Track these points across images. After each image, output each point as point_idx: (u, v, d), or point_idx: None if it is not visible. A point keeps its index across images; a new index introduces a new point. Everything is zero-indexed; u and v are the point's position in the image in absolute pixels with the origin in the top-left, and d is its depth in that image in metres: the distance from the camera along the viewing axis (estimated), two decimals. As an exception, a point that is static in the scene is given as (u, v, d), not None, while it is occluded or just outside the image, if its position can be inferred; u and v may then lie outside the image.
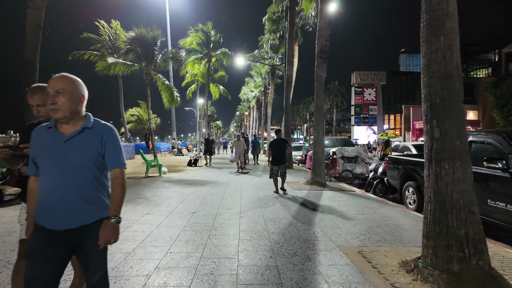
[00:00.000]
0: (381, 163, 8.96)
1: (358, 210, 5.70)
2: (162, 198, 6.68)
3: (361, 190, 8.32)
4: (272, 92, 26.69)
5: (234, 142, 12.30)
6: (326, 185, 8.54)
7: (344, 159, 10.89)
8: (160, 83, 18.30)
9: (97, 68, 18.68)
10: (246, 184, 8.84)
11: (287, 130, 14.15)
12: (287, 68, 14.05)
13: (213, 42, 23.83)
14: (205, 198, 6.68)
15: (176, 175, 10.91)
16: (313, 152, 8.87)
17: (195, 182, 9.23)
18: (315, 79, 8.72)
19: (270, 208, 5.78)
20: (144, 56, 17.35)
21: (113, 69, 18.51)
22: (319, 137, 8.70)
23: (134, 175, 11.17)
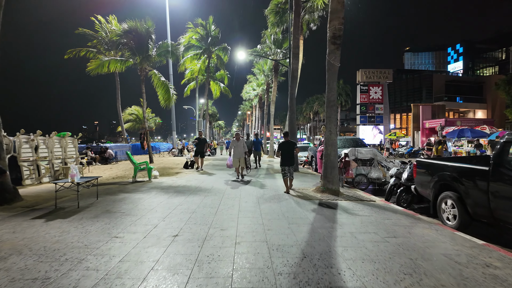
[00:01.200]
0: (405, 167, 7.69)
1: (388, 231, 4.44)
2: (143, 211, 5.46)
3: (381, 199, 7.06)
4: (275, 89, 25.41)
5: (232, 142, 10.01)
6: (340, 193, 7.29)
7: (357, 162, 9.62)
8: (155, 79, 17.13)
9: (89, 68, 17.48)
10: (246, 194, 7.59)
11: (292, 129, 12.90)
12: (292, 61, 12.79)
13: (213, 37, 22.65)
14: (195, 212, 5.44)
15: (168, 180, 9.69)
16: (324, 154, 7.61)
17: (187, 189, 8.00)
18: (327, 69, 7.46)
19: (275, 227, 4.53)
20: (138, 50, 16.17)
21: (107, 67, 17.38)
22: (332, 137, 7.44)
23: (121, 179, 9.97)
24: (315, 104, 61.09)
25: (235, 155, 9.88)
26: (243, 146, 9.92)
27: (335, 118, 7.47)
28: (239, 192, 7.47)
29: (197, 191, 7.63)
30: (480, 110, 44.73)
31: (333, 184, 7.33)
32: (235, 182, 9.36)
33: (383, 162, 9.57)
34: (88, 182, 6.43)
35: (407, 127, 51.36)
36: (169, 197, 6.87)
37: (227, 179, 10.03)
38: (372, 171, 9.46)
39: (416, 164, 6.32)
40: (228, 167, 11.17)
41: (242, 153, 9.85)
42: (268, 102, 31.14)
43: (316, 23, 16.97)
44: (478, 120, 27.92)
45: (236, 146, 9.95)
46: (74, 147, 11.02)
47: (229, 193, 7.29)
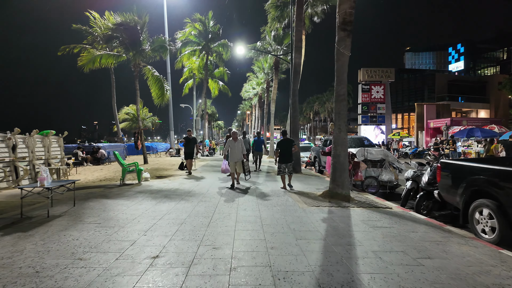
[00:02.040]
0: (423, 169, 6.87)
1: (419, 249, 3.61)
2: (123, 221, 4.63)
3: (397, 206, 6.24)
4: (275, 88, 24.58)
5: (228, 143, 8.21)
6: (351, 199, 6.46)
7: (367, 163, 8.80)
8: (149, 75, 16.30)
9: (80, 63, 16.61)
10: (245, 201, 6.76)
11: (295, 127, 12.08)
12: (295, 55, 11.96)
13: (212, 33, 21.79)
14: (184, 223, 4.61)
15: (159, 183, 8.85)
16: (332, 155, 6.78)
17: (178, 194, 7.16)
18: (336, 59, 6.64)
19: (280, 244, 3.70)
20: (131, 45, 15.33)
21: (98, 62, 16.56)
22: (341, 135, 6.61)
23: (108, 182, 9.13)
24: (316, 104, 60.35)
25: (232, 158, 8.14)
26: (241, 148, 8.19)
27: (344, 114, 6.65)
28: (237, 198, 6.64)
29: (189, 196, 6.79)
30: (483, 110, 43.95)
31: (343, 188, 6.50)
32: (230, 195, 7.04)
33: (395, 164, 8.74)
34: (63, 186, 5.60)
35: (409, 127, 50.60)
36: (157, 203, 6.04)
37: (225, 182, 9.20)
38: (383, 173, 8.63)
39: (440, 166, 5.49)
40: (223, 172, 9.71)
41: (239, 156, 8.17)
42: (268, 101, 30.31)
43: (320, 16, 16.17)
44: (485, 120, 27.14)
45: (233, 147, 8.12)
46: (59, 146, 10.18)
47: (226, 199, 6.45)
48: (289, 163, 7.98)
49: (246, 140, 11.81)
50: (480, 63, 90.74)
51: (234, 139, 8.29)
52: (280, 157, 8.00)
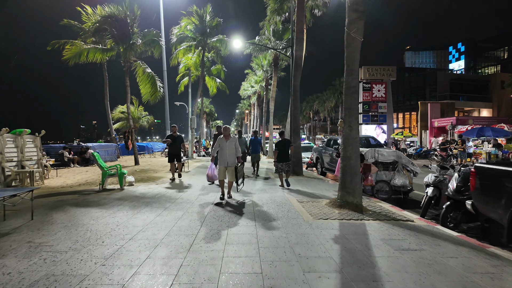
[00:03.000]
0: (445, 173, 5.93)
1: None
2: (83, 242, 3.66)
3: (418, 217, 5.29)
4: (274, 85, 23.62)
5: (218, 141, 6.44)
6: (364, 209, 5.50)
7: (378, 166, 7.85)
8: (140, 71, 15.31)
9: (65, 56, 15.55)
10: (238, 213, 5.81)
11: (296, 125, 11.13)
12: (296, 47, 11.00)
13: (209, 28, 20.75)
14: (160, 245, 3.63)
15: (144, 188, 7.88)
16: (342, 156, 5.82)
17: (162, 202, 6.18)
18: (346, 45, 5.68)
19: (282, 280, 2.74)
20: (121, 38, 14.35)
21: (85, 56, 15.53)
22: (352, 134, 5.65)
23: (88, 186, 8.15)
24: (315, 103, 59.38)
25: (222, 161, 6.32)
26: (234, 149, 6.36)
27: (356, 110, 5.69)
28: (230, 210, 5.67)
29: (174, 205, 5.82)
30: (485, 109, 43.12)
31: (355, 196, 5.54)
32: (221, 203, 6.07)
33: (409, 166, 7.79)
34: (17, 196, 4.62)
35: (410, 126, 49.71)
36: (134, 214, 5.06)
37: (219, 188, 8.24)
38: (395, 177, 7.68)
39: (475, 171, 4.54)
40: (209, 180, 7.31)
41: (232, 159, 6.33)
42: (267, 100, 29.35)
43: (321, 9, 15.22)
44: (491, 119, 26.24)
45: (223, 147, 6.34)
46: (35, 147, 9.19)
47: (217, 211, 5.46)
48: (286, 162, 8.37)
49: (241, 140, 10.02)
50: (481, 62, 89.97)
51: (226, 137, 6.39)
52: (278, 157, 8.36)
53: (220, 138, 6.44)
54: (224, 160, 6.33)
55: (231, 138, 6.46)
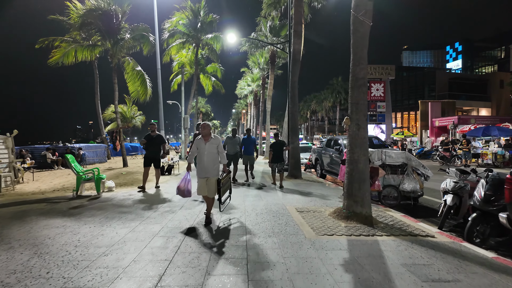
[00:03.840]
0: (466, 178, 5.15)
1: None
2: (20, 275, 2.83)
3: (438, 231, 4.53)
4: (271, 84, 22.86)
5: (196, 143, 4.78)
6: (374, 220, 4.72)
7: (385, 169, 7.07)
8: (129, 68, 14.47)
9: (52, 58, 14.63)
10: (225, 231, 5.00)
11: (294, 124, 10.35)
12: (294, 40, 10.21)
13: (202, 23, 19.90)
14: (120, 276, 2.82)
15: (124, 194, 7.03)
16: (348, 160, 5.02)
17: (139, 213, 5.34)
18: (352, 31, 4.90)
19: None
20: (108, 33, 13.49)
21: (73, 55, 14.65)
22: (360, 133, 4.86)
23: (63, 193, 7.29)
24: (313, 102, 58.65)
25: (200, 171, 4.65)
26: (216, 154, 4.70)
27: (364, 105, 4.90)
28: (217, 224, 4.86)
29: (152, 217, 4.99)
30: (484, 109, 42.66)
31: (363, 206, 4.75)
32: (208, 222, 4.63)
33: (420, 169, 7.02)
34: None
35: (408, 126, 49.16)
36: (102, 229, 4.24)
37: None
38: (405, 181, 6.90)
39: (511, 178, 3.77)
40: (180, 194, 4.85)
41: (213, 168, 4.64)
42: (264, 99, 28.55)
43: (320, 1, 14.44)
44: (494, 118, 25.63)
45: (201, 153, 4.66)
46: (6, 148, 8.32)
47: (199, 230, 4.60)
48: (280, 162, 8.52)
49: (235, 140, 8.89)
50: (478, 61, 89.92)
51: (205, 137, 4.66)
52: (272, 157, 8.52)
53: (198, 140, 4.71)
54: (203, 169, 4.59)
55: (212, 139, 4.66)
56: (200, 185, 4.63)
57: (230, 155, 8.78)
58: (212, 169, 4.62)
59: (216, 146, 4.68)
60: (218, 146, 4.70)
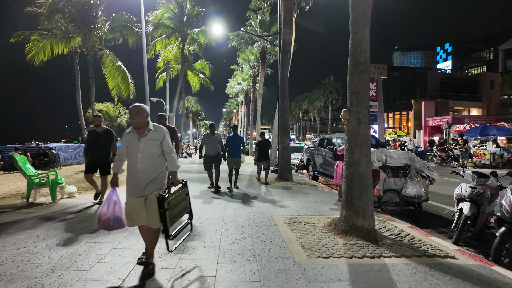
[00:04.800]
0: (485, 182, 4.35)
1: None
2: None
3: (457, 249, 3.71)
4: (262, 81, 21.98)
5: (123, 140, 3.02)
6: (379, 235, 3.87)
7: (386, 171, 6.26)
8: (107, 62, 13.40)
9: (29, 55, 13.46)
10: (196, 251, 4.06)
11: (284, 122, 9.50)
12: (284, 30, 9.35)
13: (189, 17, 18.93)
14: None
15: (87, 200, 6.04)
16: (346, 161, 4.16)
17: (92, 228, 4.38)
18: (352, 4, 4.04)
19: None
20: (83, 22, 12.42)
21: (49, 49, 13.53)
22: (361, 130, 4.02)
23: (15, 199, 6.25)
24: (305, 102, 58.09)
25: (132, 186, 2.87)
26: (159, 155, 2.96)
27: (367, 95, 4.06)
28: (184, 239, 3.94)
29: (107, 233, 4.03)
30: (475, 109, 42.75)
31: (365, 217, 3.89)
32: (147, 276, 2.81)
33: (425, 171, 6.21)
34: None
35: (400, 126, 48.91)
36: (37, 251, 3.27)
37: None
38: (408, 185, 6.09)
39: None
40: (104, 226, 2.89)
41: (154, 179, 2.88)
42: (254, 97, 27.70)
43: (309, 2, 13.61)
44: (488, 117, 25.30)
45: (134, 156, 2.88)
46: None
47: (159, 258, 3.69)
48: (266, 160, 8.77)
49: (215, 138, 7.29)
50: (468, 62, 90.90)
51: (138, 129, 2.93)
52: (258, 155, 8.75)
53: (127, 134, 2.97)
54: (136, 183, 2.83)
55: (152, 132, 2.92)
56: (131, 210, 2.82)
57: (210, 156, 7.33)
58: (152, 182, 2.83)
59: (158, 142, 2.92)
60: (163, 143, 2.95)
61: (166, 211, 2.70)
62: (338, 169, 6.61)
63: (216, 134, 7.43)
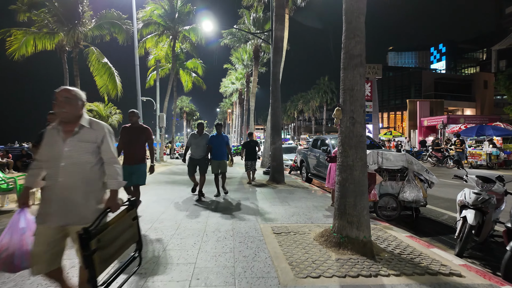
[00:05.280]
0: (493, 189, 3.99)
1: None
2: None
3: (462, 264, 3.33)
4: (255, 80, 21.55)
5: (44, 141, 2.07)
6: (376, 248, 3.47)
7: (382, 174, 5.88)
8: (93, 59, 12.87)
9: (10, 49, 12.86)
10: (170, 269, 3.60)
11: (276, 121, 9.10)
12: (276, 26, 8.94)
13: (180, 14, 18.43)
14: None
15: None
16: (340, 165, 3.75)
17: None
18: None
19: None
20: (66, 17, 11.88)
21: (33, 45, 12.97)
22: (356, 130, 3.59)
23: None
24: (300, 102, 57.86)
25: (47, 209, 1.96)
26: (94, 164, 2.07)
27: (362, 92, 3.66)
28: (155, 255, 3.50)
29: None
30: (468, 109, 42.88)
31: (360, 228, 3.49)
32: None
33: (423, 174, 5.84)
34: None
35: (395, 126, 48.84)
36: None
37: (163, 206, 6.03)
38: (405, 189, 5.71)
39: None
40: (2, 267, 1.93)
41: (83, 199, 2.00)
42: (248, 97, 27.29)
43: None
44: (482, 117, 25.22)
45: (55, 163, 1.97)
46: None
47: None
48: (253, 160, 8.95)
49: (202, 139, 6.47)
50: (461, 63, 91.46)
51: (65, 125, 2.04)
52: (246, 155, 8.98)
53: (49, 131, 2.06)
54: (53, 204, 1.95)
55: (86, 129, 2.06)
56: (39, 249, 1.92)
57: (194, 159, 6.41)
58: (78, 207, 1.98)
59: (94, 146, 2.08)
60: (103, 147, 2.11)
61: (94, 254, 1.78)
62: (331, 172, 6.21)
63: (204, 135, 6.53)
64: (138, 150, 4.64)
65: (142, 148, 4.72)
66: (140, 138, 4.68)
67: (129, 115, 4.67)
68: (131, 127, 4.72)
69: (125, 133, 4.66)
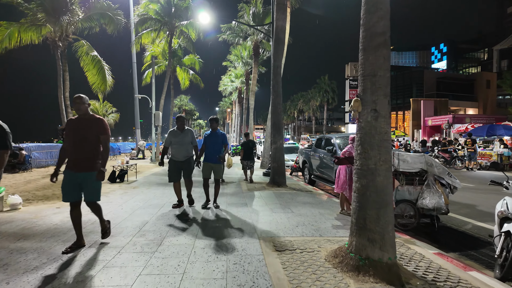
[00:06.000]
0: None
1: None
2: None
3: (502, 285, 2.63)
4: (255, 78, 20.82)
5: None
6: (404, 273, 2.77)
7: (398, 178, 5.18)
8: (82, 52, 12.15)
9: None
10: None
11: (277, 119, 8.40)
12: (277, 16, 8.23)
13: (178, 9, 17.69)
14: None
15: (30, 216, 4.85)
16: (358, 168, 3.05)
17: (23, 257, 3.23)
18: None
19: None
20: (53, 8, 11.17)
21: (17, 37, 12.23)
22: (379, 125, 2.90)
23: None
24: (300, 101, 57.17)
25: None
26: None
27: (386, 78, 2.95)
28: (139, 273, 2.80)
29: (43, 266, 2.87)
30: (471, 109, 42.26)
31: (384, 247, 2.80)
32: None
33: (445, 178, 5.14)
34: None
35: (396, 126, 48.16)
36: None
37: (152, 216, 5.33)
38: (424, 195, 5.01)
39: None
40: None
41: None
42: (247, 95, 26.60)
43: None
44: (489, 117, 24.52)
45: None
46: None
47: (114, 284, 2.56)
48: (250, 160, 9.19)
49: (184, 136, 5.35)
50: (462, 63, 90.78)
51: None
52: (243, 155, 9.22)
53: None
54: None
55: None
56: None
57: (177, 161, 5.35)
58: None
59: None
60: None
61: None
62: (340, 175, 5.52)
63: (186, 131, 5.39)
64: (86, 151, 3.29)
65: (92, 148, 3.32)
66: (89, 134, 3.29)
67: (73, 101, 3.33)
68: (77, 119, 3.37)
69: (70, 128, 3.34)
